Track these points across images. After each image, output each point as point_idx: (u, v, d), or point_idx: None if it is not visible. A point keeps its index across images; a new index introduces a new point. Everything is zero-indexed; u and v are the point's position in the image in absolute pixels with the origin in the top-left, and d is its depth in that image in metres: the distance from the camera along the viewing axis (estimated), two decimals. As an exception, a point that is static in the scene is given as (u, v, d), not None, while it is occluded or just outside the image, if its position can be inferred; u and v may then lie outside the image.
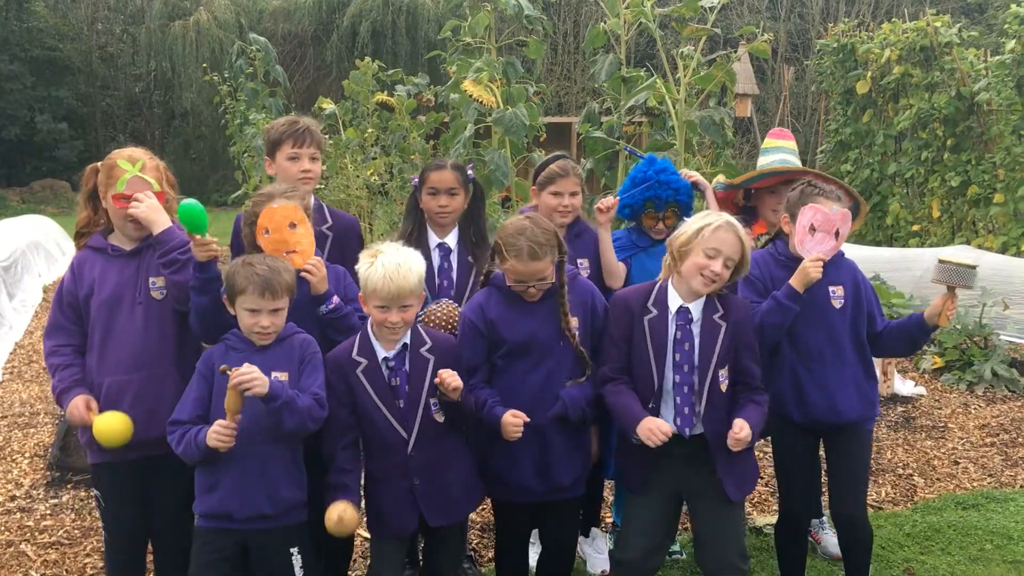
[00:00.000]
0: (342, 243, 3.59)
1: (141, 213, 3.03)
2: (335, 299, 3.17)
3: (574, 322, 3.18)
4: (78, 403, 3.04)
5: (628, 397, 3.11)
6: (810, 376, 3.34)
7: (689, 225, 3.12)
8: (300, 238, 3.11)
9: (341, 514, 2.89)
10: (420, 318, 3.27)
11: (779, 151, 4.01)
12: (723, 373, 3.11)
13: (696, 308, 3.12)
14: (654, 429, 2.97)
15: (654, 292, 3.17)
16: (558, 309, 3.17)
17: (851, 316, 3.38)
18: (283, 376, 2.95)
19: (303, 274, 3.09)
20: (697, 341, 3.09)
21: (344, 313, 3.20)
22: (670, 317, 3.11)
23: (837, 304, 3.36)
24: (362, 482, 3.12)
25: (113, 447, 3.00)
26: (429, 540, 3.26)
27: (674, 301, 3.12)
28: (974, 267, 3.26)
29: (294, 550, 2.99)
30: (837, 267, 3.38)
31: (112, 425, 2.97)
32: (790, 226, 3.37)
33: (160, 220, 3.04)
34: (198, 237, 2.95)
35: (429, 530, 3.15)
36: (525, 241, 3.05)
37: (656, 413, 3.11)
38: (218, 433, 2.76)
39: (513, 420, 3.02)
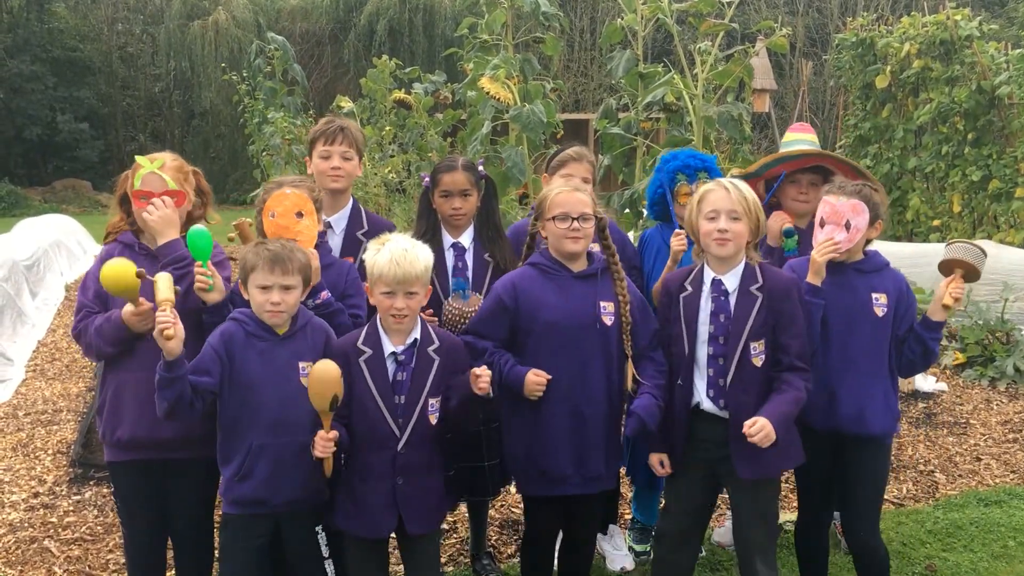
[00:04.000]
0: None
1: (150, 220, 3.04)
2: (324, 294, 3.16)
3: (609, 306, 3.17)
4: (127, 307, 2.97)
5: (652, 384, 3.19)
6: (842, 384, 3.23)
7: (688, 205, 3.21)
8: (303, 228, 3.12)
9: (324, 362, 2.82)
10: (443, 310, 3.29)
11: (797, 143, 3.98)
12: (756, 346, 3.07)
13: (732, 280, 3.12)
14: (655, 463, 3.21)
15: (692, 272, 3.21)
16: (594, 293, 3.17)
17: (892, 326, 3.27)
18: (308, 366, 2.93)
19: None
20: (732, 312, 3.09)
21: (333, 309, 3.17)
22: (704, 291, 3.13)
23: (880, 312, 3.24)
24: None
25: (120, 288, 2.90)
26: (407, 548, 3.16)
27: (708, 276, 3.15)
28: (982, 251, 3.13)
29: (319, 528, 3.03)
30: (881, 275, 3.30)
31: (116, 267, 2.89)
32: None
33: (166, 232, 3.05)
34: (197, 264, 2.97)
35: (405, 539, 3.11)
36: (568, 182, 3.36)
37: (689, 388, 3.14)
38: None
39: (536, 379, 3.03)
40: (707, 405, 3.14)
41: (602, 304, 3.15)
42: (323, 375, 2.78)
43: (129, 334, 3.02)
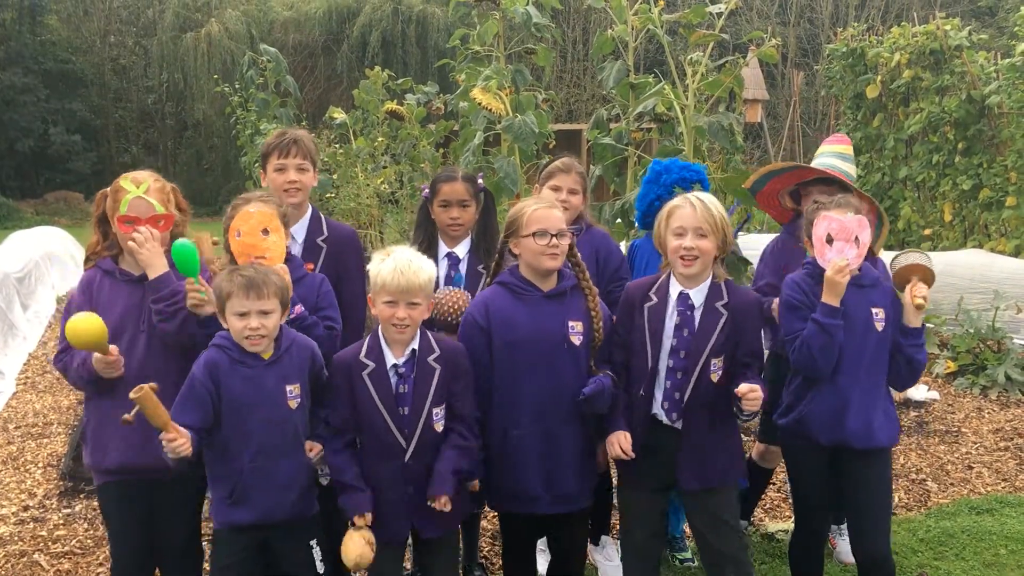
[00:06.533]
0: (337, 256, 3.59)
1: (138, 254, 3.01)
2: (298, 308, 3.15)
3: (578, 325, 3.16)
4: (96, 355, 2.96)
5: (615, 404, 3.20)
6: (851, 399, 3.21)
7: (656, 220, 3.21)
8: (271, 245, 3.11)
9: (361, 553, 2.88)
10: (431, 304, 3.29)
11: (822, 156, 3.97)
12: (716, 363, 3.10)
13: (698, 295, 3.13)
14: (614, 443, 3.14)
15: (657, 282, 3.21)
16: (563, 312, 3.16)
17: (889, 339, 3.26)
18: (295, 388, 2.95)
19: None
20: (696, 328, 3.10)
21: (307, 324, 3.17)
22: (670, 304, 3.14)
23: (879, 327, 3.23)
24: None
25: (87, 344, 2.90)
26: (422, 549, 3.21)
27: (675, 289, 3.15)
28: (927, 256, 3.26)
29: (313, 542, 3.03)
30: (877, 290, 3.27)
31: (83, 321, 2.88)
32: (811, 245, 3.26)
33: (156, 264, 3.01)
34: (189, 281, 2.96)
35: (421, 542, 3.15)
36: (541, 199, 3.32)
37: (649, 398, 3.16)
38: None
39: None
40: (661, 417, 3.16)
41: (570, 323, 3.15)
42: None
43: (104, 377, 3.01)
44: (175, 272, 3.05)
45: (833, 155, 3.94)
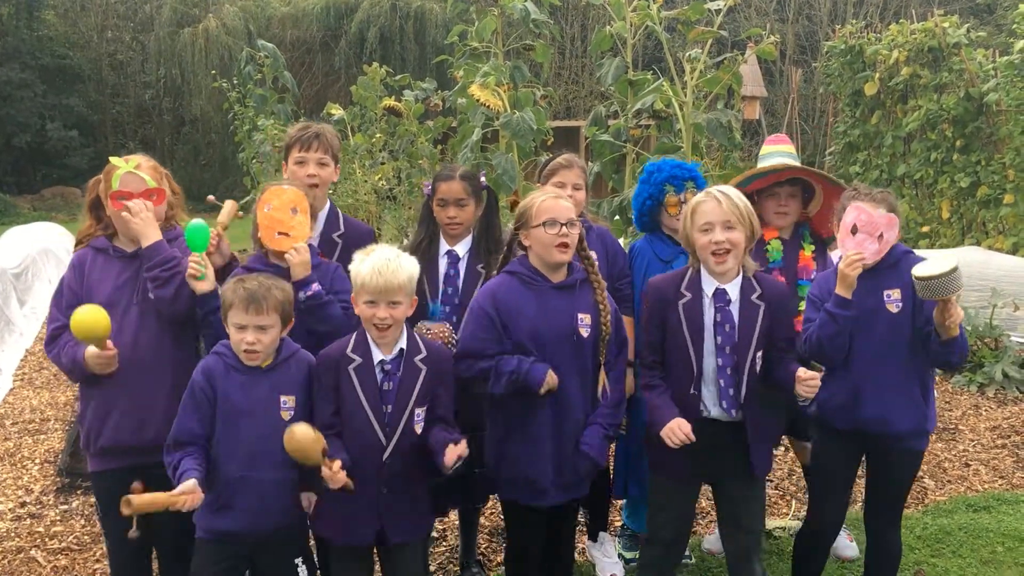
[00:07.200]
0: (352, 253, 3.59)
1: (132, 222, 3.02)
2: (315, 286, 3.14)
3: (586, 318, 3.15)
4: (91, 348, 2.98)
5: (662, 398, 3.13)
6: (865, 385, 3.23)
7: (681, 218, 3.18)
8: (297, 224, 3.14)
9: (300, 426, 2.75)
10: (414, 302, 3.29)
11: (773, 156, 3.99)
12: (759, 356, 3.11)
13: (734, 289, 3.10)
14: (675, 430, 3.01)
15: (687, 277, 3.16)
16: (572, 304, 3.15)
17: (912, 320, 3.22)
18: (290, 400, 2.92)
19: (286, 255, 3.13)
20: (737, 322, 3.08)
21: (323, 300, 3.16)
22: (706, 300, 3.10)
23: (893, 308, 3.21)
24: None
25: (91, 337, 2.90)
26: (386, 558, 3.13)
27: (709, 284, 3.11)
28: (950, 271, 2.95)
29: (298, 560, 3.00)
30: (896, 269, 3.25)
31: (86, 314, 2.87)
32: (838, 230, 3.28)
33: (149, 233, 3.03)
34: (192, 254, 2.99)
35: (386, 550, 3.09)
36: (550, 190, 3.31)
37: (698, 398, 3.12)
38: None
39: (550, 379, 3.01)
40: (716, 413, 3.13)
41: (580, 316, 3.14)
42: (302, 442, 2.73)
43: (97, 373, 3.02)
44: (182, 247, 3.10)
45: (786, 155, 3.99)
